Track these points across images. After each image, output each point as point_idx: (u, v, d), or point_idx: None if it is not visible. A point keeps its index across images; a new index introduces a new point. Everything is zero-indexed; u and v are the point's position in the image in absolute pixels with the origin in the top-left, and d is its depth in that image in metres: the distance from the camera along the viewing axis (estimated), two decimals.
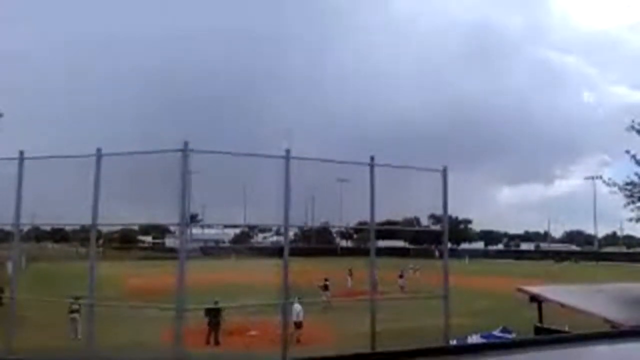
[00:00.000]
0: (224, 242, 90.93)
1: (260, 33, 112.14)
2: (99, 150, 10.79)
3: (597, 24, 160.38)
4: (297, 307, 17.38)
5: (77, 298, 16.14)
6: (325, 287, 25.99)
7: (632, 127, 16.06)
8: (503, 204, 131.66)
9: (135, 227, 66.15)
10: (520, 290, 17.04)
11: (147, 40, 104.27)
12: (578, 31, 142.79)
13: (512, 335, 14.80)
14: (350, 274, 33.30)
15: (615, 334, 2.34)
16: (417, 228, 40.54)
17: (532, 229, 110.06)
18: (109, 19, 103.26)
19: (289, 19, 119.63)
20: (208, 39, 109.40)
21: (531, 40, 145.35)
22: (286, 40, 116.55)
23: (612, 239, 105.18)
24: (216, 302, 17.48)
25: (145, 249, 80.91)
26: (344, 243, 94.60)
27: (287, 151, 11.02)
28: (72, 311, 16.96)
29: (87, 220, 11.08)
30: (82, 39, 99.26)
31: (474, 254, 74.99)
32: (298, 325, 17.30)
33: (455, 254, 68.26)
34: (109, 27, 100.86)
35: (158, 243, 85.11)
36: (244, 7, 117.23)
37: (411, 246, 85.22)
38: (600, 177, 58.34)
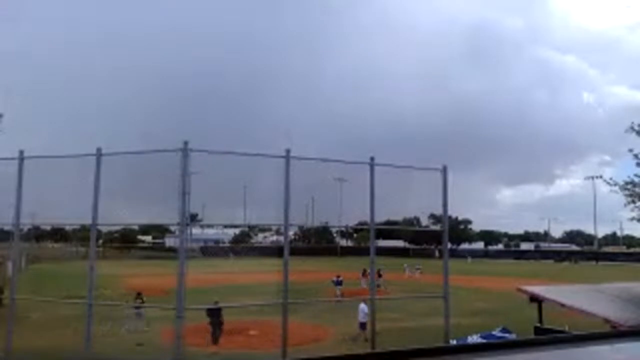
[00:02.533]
0: (223, 242, 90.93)
1: (260, 33, 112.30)
2: (99, 150, 10.79)
3: (597, 24, 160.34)
4: (363, 307, 17.23)
5: (140, 294, 18.47)
6: (339, 283, 28.22)
7: (632, 129, 16.07)
8: (503, 204, 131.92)
9: (135, 227, 66.10)
10: (520, 290, 17.04)
11: (147, 40, 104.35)
12: (578, 31, 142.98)
13: (512, 336, 14.79)
14: (364, 274, 33.26)
15: (615, 334, 2.33)
16: (417, 228, 40.50)
17: (532, 229, 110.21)
18: (108, 19, 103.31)
19: (289, 19, 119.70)
20: (208, 39, 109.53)
21: (531, 41, 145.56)
22: (286, 40, 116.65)
23: (612, 239, 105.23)
24: (216, 302, 17.46)
25: (145, 248, 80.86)
26: (343, 243, 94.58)
27: (287, 151, 11.02)
28: (138, 307, 17.82)
29: (87, 220, 11.08)
30: (82, 39, 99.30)
31: (474, 254, 75.08)
32: (363, 325, 17.08)
33: (455, 253, 68.49)
34: (108, 27, 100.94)
35: (158, 243, 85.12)
36: (244, 7, 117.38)
37: (411, 246, 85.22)
38: (601, 177, 58.51)
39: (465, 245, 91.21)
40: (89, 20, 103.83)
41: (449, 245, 14.46)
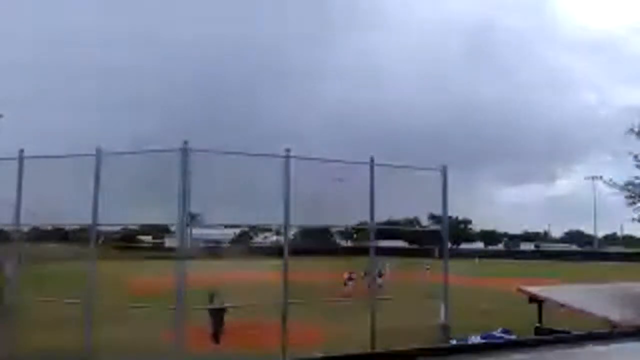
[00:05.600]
0: (224, 242, 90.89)
1: (261, 34, 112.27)
2: (98, 150, 10.79)
3: (599, 24, 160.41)
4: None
5: (212, 295, 18.67)
6: (350, 279, 29.98)
7: (632, 130, 16.07)
8: (503, 204, 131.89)
9: (135, 227, 66.07)
10: (520, 290, 17.04)
11: (147, 40, 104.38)
12: (581, 31, 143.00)
13: (512, 336, 14.79)
14: (366, 275, 33.57)
15: (615, 334, 2.34)
16: (417, 228, 40.53)
17: (532, 229, 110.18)
18: (109, 20, 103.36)
19: (290, 20, 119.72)
20: (208, 39, 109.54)
21: (533, 40, 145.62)
22: (286, 40, 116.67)
23: (612, 239, 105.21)
24: (211, 296, 17.68)
25: (145, 249, 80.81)
26: (344, 243, 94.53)
27: (287, 151, 11.03)
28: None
29: (87, 220, 11.08)
30: (83, 39, 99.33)
31: (474, 254, 75.09)
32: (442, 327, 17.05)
33: (462, 253, 68.45)
34: (109, 28, 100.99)
35: (158, 243, 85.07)
36: (244, 8, 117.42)
37: (411, 246, 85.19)
38: (601, 178, 58.56)
39: (465, 245, 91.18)
40: (90, 20, 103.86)
41: (449, 245, 14.47)
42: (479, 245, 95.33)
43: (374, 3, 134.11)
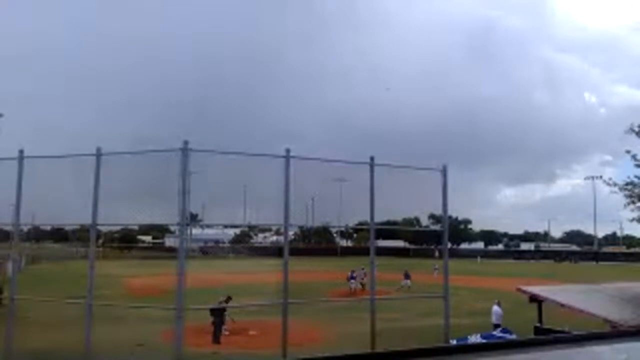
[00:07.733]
0: (223, 242, 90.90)
1: (261, 34, 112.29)
2: (98, 150, 10.78)
3: (599, 23, 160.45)
4: (497, 309, 17.25)
5: (229, 297, 18.86)
6: (353, 277, 30.98)
7: (632, 130, 16.04)
8: (503, 204, 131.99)
9: (135, 227, 66.11)
10: (520, 290, 17.04)
11: (147, 41, 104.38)
12: (580, 31, 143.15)
13: (512, 336, 14.79)
14: (365, 275, 33.77)
15: (615, 334, 2.33)
16: (417, 228, 40.54)
17: (532, 229, 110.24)
18: (109, 20, 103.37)
19: (290, 20, 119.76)
20: (208, 40, 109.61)
21: (533, 40, 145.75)
22: (286, 40, 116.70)
23: (612, 239, 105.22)
24: (226, 301, 17.81)
25: (145, 249, 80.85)
26: (344, 243, 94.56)
27: (287, 151, 11.01)
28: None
29: (87, 220, 11.06)
30: (83, 39, 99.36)
31: (474, 254, 75.11)
32: (497, 327, 17.05)
33: (455, 252, 68.43)
34: (110, 28, 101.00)
35: (158, 243, 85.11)
36: (244, 8, 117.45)
37: (411, 246, 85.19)
38: (601, 177, 58.59)
39: (465, 245, 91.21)
40: (90, 20, 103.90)
41: (449, 245, 14.47)
42: (479, 245, 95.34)
43: (375, 3, 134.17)
